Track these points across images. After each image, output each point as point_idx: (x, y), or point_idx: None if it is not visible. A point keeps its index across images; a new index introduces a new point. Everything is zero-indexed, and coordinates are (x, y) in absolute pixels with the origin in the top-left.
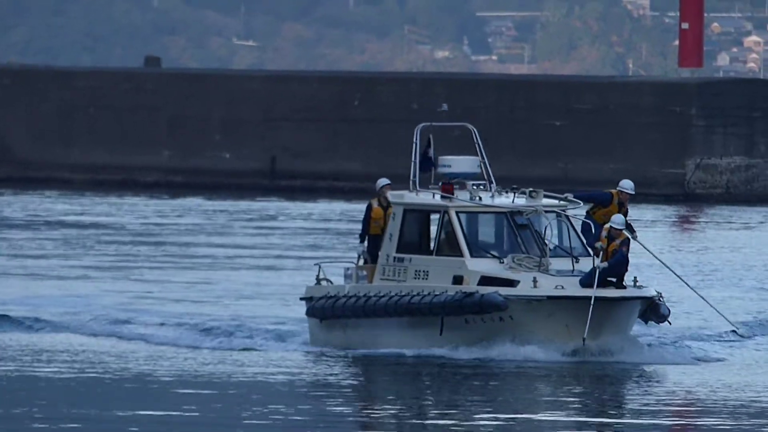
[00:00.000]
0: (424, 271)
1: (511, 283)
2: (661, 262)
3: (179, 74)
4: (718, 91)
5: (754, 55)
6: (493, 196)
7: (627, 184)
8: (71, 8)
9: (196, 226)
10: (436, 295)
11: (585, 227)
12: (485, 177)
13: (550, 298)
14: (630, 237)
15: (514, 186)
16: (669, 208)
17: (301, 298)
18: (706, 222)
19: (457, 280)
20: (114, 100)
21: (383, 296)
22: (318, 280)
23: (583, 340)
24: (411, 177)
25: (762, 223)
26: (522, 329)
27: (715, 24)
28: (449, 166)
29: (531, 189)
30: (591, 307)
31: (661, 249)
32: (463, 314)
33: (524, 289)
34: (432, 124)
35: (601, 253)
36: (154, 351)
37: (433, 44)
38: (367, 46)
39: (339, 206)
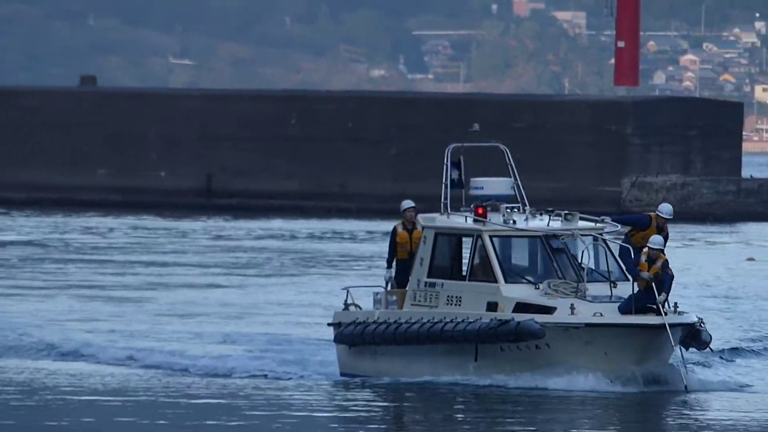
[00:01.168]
0: (456, 297)
1: (548, 309)
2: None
3: (115, 93)
4: (653, 110)
5: (689, 74)
6: (527, 219)
7: (665, 209)
8: (8, 28)
9: (136, 245)
10: (470, 322)
11: (622, 251)
12: (518, 199)
13: (588, 325)
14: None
15: (549, 208)
16: None
17: (329, 324)
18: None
19: (492, 306)
20: (51, 119)
21: (415, 323)
22: (346, 306)
23: (685, 387)
24: (442, 199)
25: (696, 240)
26: (559, 357)
27: (651, 42)
28: (481, 188)
29: (566, 212)
30: (669, 332)
31: None
32: (499, 342)
33: (561, 316)
34: (462, 144)
35: (644, 281)
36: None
37: (368, 63)
38: (303, 65)
39: (275, 225)
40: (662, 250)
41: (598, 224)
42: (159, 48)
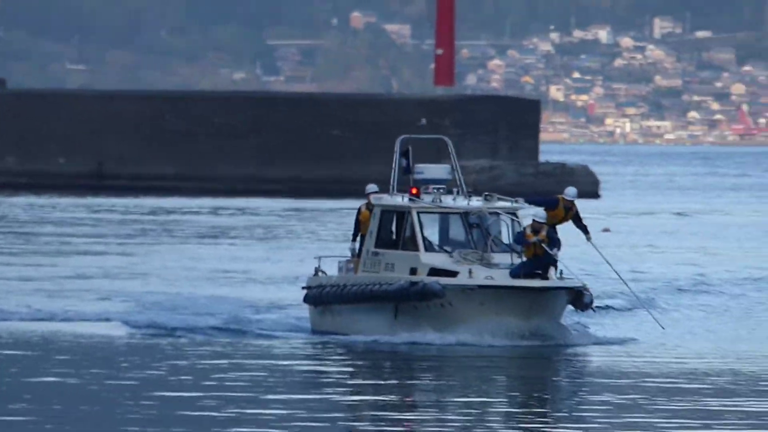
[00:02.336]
0: (391, 264)
1: (453, 274)
2: (607, 261)
3: (22, 94)
4: (467, 106)
5: (496, 76)
6: (455, 199)
7: (570, 192)
8: None
9: (40, 219)
10: (390, 284)
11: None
12: (457, 183)
13: (480, 287)
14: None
15: (470, 190)
16: None
17: (303, 287)
18: None
19: (413, 271)
20: None
21: (353, 285)
22: (316, 272)
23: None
24: (391, 182)
25: None
26: (460, 315)
27: (465, 50)
28: (422, 173)
29: (486, 193)
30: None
31: None
32: (409, 301)
33: (461, 279)
34: (411, 136)
35: (532, 246)
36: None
37: (231, 67)
38: (178, 69)
39: (156, 202)
40: (544, 223)
41: (513, 204)
42: (58, 55)
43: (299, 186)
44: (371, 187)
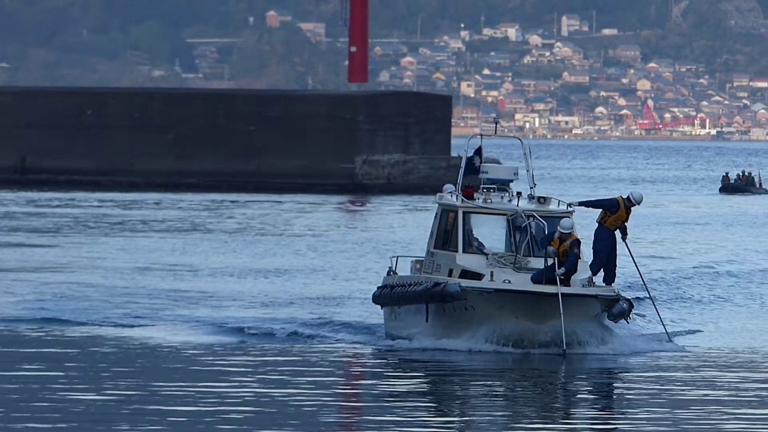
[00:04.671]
0: (438, 265)
1: (478, 276)
2: (637, 266)
3: None
4: (380, 102)
5: (408, 73)
6: (510, 200)
7: (638, 196)
8: None
9: None
10: (420, 285)
11: (599, 234)
12: (532, 182)
13: (497, 291)
14: (579, 239)
15: (518, 192)
16: (342, 197)
17: (378, 287)
18: (372, 206)
19: (450, 272)
20: None
21: (400, 286)
22: (389, 272)
23: (564, 352)
24: (458, 180)
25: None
26: (482, 319)
27: (378, 48)
28: (487, 173)
29: (540, 196)
30: (561, 305)
31: (328, 227)
32: (433, 302)
33: (483, 282)
34: (482, 135)
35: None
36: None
37: (150, 65)
38: (99, 67)
39: (79, 195)
40: (571, 232)
41: (567, 208)
42: None
43: (216, 180)
44: (448, 188)
